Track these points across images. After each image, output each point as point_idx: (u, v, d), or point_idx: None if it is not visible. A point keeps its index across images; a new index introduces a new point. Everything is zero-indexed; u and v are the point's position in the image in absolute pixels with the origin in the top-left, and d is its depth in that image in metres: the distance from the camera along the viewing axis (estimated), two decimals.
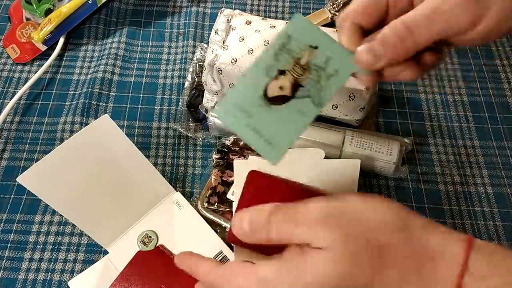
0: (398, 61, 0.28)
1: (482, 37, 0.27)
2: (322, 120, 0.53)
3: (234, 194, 0.49)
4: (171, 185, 0.50)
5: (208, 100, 0.55)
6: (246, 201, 0.37)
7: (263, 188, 0.37)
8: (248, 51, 0.49)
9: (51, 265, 0.48)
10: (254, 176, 0.38)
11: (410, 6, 0.30)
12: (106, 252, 0.48)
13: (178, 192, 0.51)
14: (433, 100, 0.60)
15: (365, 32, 0.31)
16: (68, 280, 0.46)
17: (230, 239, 0.46)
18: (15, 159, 0.54)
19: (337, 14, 0.64)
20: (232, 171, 0.50)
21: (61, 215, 0.50)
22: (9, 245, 0.49)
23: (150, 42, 0.65)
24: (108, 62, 0.61)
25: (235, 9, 0.54)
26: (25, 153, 0.55)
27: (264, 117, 0.29)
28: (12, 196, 0.52)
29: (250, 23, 0.51)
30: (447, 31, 0.27)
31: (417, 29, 0.26)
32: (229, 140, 0.52)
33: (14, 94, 0.59)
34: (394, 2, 0.30)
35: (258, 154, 0.39)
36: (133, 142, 0.46)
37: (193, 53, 0.63)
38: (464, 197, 0.53)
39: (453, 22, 0.26)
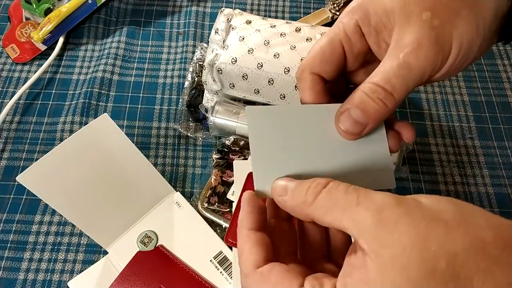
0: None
1: (448, 73, 0.27)
2: None
3: (234, 194, 0.49)
4: (171, 185, 0.50)
5: (208, 100, 0.54)
6: None
7: None
8: (248, 50, 0.48)
9: (51, 265, 0.48)
10: None
11: (366, 47, 0.28)
12: (106, 252, 0.47)
13: (178, 192, 0.51)
14: (433, 100, 0.60)
15: (325, 83, 0.29)
16: (68, 280, 0.46)
17: (227, 242, 0.47)
18: (14, 159, 0.54)
19: (337, 13, 0.64)
20: (232, 171, 0.50)
21: (60, 215, 0.50)
22: (8, 245, 0.49)
23: (150, 41, 0.64)
24: (108, 61, 0.61)
25: (235, 8, 0.54)
26: (24, 153, 0.55)
27: None
28: (11, 196, 0.52)
29: (250, 22, 0.51)
30: (420, 81, 0.26)
31: (395, 88, 0.25)
32: (229, 140, 0.52)
33: (13, 94, 0.59)
34: (350, 47, 0.28)
35: None
36: (133, 142, 0.46)
37: (193, 52, 0.62)
38: (465, 197, 0.53)
39: (426, 72, 0.26)
